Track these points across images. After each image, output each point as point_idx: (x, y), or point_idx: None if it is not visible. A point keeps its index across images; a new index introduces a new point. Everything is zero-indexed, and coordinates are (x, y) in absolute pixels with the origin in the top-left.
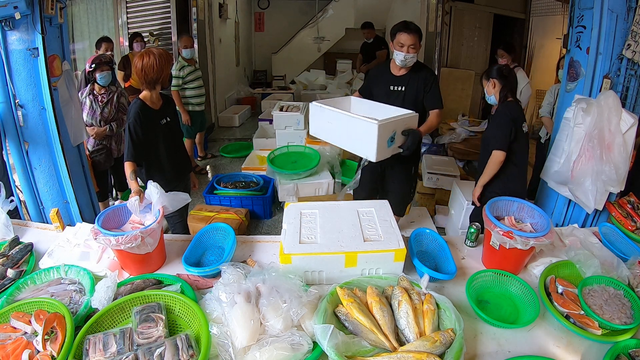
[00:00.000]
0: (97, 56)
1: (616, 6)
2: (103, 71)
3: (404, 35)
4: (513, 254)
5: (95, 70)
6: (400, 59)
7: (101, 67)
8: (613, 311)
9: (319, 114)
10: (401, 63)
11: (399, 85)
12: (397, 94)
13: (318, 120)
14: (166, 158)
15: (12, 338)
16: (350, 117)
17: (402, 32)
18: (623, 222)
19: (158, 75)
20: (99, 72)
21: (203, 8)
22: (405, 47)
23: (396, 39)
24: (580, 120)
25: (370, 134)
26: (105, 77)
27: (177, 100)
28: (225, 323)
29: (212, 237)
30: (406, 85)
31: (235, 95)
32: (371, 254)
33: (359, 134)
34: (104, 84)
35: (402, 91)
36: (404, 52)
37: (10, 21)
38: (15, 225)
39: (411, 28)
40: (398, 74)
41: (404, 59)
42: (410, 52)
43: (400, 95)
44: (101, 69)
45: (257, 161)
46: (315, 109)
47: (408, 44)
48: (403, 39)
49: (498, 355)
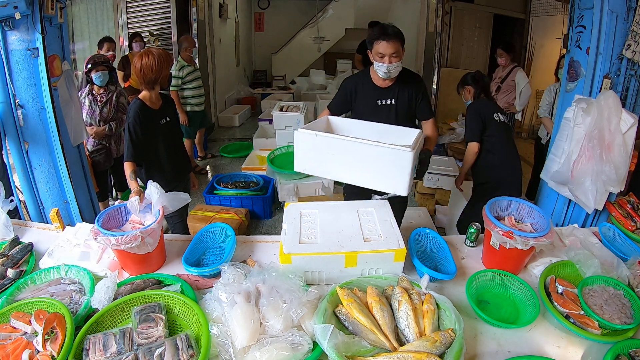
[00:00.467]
0: (92, 56)
1: (616, 6)
2: (98, 71)
3: (383, 43)
4: (513, 254)
5: (91, 71)
6: (383, 72)
7: (97, 67)
8: (613, 311)
9: (311, 143)
10: (385, 75)
11: (388, 99)
12: (386, 109)
13: (310, 151)
14: (166, 158)
15: (12, 338)
16: (371, 145)
17: (381, 40)
18: (623, 222)
19: (157, 75)
20: (94, 72)
21: (203, 8)
22: (386, 57)
23: (374, 48)
24: (580, 120)
25: (402, 164)
26: (102, 77)
27: (175, 101)
28: (225, 323)
29: (212, 237)
30: (396, 98)
31: (235, 95)
32: (371, 254)
33: (382, 166)
34: (100, 84)
35: (393, 104)
36: (386, 63)
37: (10, 21)
38: (15, 225)
39: (390, 33)
40: (384, 86)
41: (387, 71)
42: (392, 61)
43: (392, 109)
44: (97, 69)
45: (257, 161)
46: (305, 137)
47: (389, 53)
48: (382, 49)
49: (498, 355)
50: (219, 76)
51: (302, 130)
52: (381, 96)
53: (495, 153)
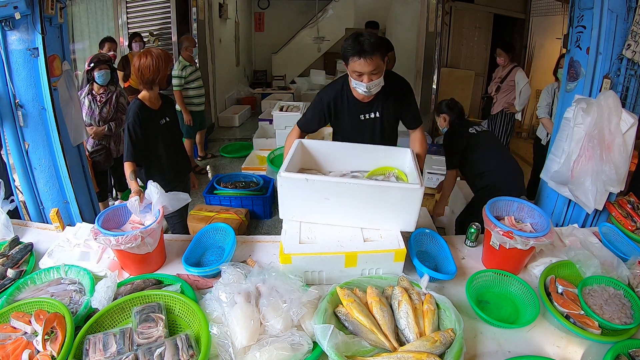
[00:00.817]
0: (96, 55)
1: (616, 6)
2: (101, 69)
3: (360, 62)
4: (513, 254)
5: (94, 69)
6: (362, 90)
7: (99, 66)
8: (613, 311)
9: (301, 189)
10: (365, 93)
11: (372, 112)
12: (371, 123)
13: (299, 198)
14: (165, 158)
15: (12, 338)
16: (376, 185)
17: (357, 58)
18: (623, 222)
19: (154, 75)
20: (97, 71)
21: (203, 8)
22: (364, 76)
23: (350, 65)
24: (580, 120)
25: (412, 201)
26: (104, 76)
27: (179, 101)
28: (225, 323)
29: (212, 237)
30: (380, 110)
31: (235, 95)
32: (371, 254)
33: (389, 205)
34: (102, 82)
35: (377, 117)
36: (365, 82)
37: (10, 21)
38: (15, 225)
39: (367, 50)
40: (366, 100)
41: (367, 90)
42: (373, 79)
43: (376, 123)
44: (99, 67)
45: (257, 161)
46: (293, 183)
47: (367, 71)
48: (359, 67)
49: (498, 355)
50: (219, 76)
51: (288, 175)
52: (364, 110)
53: (484, 161)
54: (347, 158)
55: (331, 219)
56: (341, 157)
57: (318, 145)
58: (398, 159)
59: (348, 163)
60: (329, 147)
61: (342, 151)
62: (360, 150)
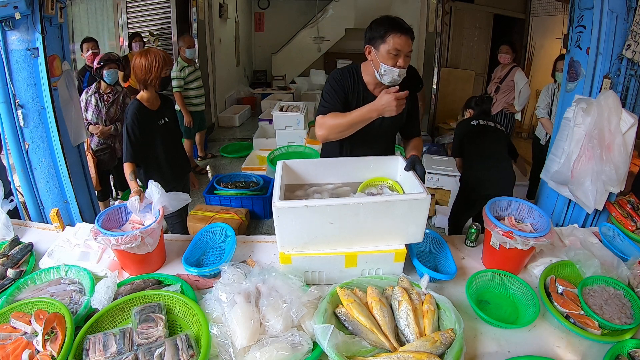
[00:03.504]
0: (106, 53)
1: (616, 6)
2: (111, 68)
3: (402, 37)
4: (513, 254)
5: (103, 68)
6: (393, 77)
7: (109, 65)
8: (613, 311)
9: (301, 217)
10: (393, 82)
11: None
12: (377, 123)
13: (299, 227)
14: (164, 158)
15: (12, 338)
16: (383, 200)
17: (396, 34)
18: (623, 222)
19: (146, 76)
20: (106, 69)
21: (203, 8)
22: (401, 56)
23: (385, 43)
24: (580, 120)
25: (419, 211)
26: (112, 75)
27: (179, 102)
28: (225, 323)
29: (212, 237)
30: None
31: (235, 95)
32: (371, 254)
33: (394, 219)
34: (111, 81)
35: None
36: (401, 64)
37: (10, 21)
38: (15, 225)
39: (406, 28)
40: (377, 94)
41: (399, 76)
42: (406, 64)
43: (383, 124)
44: (109, 66)
45: (257, 161)
46: (291, 212)
47: (407, 50)
48: (400, 44)
49: (498, 355)
50: (219, 76)
51: (284, 205)
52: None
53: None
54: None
55: (335, 243)
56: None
57: (300, 165)
58: (389, 168)
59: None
60: (311, 166)
61: (332, 169)
62: (348, 166)
